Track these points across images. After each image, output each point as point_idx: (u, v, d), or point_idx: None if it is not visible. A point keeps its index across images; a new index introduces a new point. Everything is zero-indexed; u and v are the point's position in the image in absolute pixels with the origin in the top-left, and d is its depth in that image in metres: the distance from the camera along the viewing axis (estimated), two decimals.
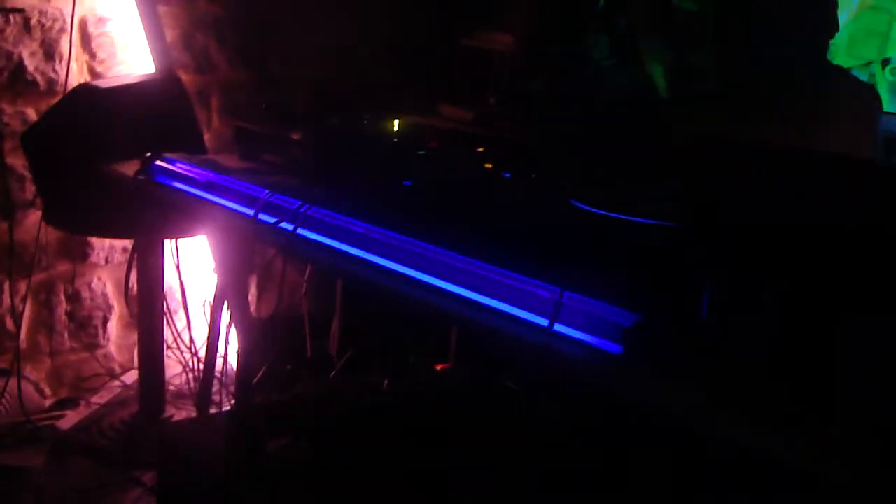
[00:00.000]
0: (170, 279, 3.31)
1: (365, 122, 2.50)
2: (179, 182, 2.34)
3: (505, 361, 2.16)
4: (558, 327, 1.44)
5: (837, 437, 1.16)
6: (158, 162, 2.41)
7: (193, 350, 3.44)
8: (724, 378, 1.28)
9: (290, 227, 1.92)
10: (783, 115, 2.28)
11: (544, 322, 1.45)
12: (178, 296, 3.50)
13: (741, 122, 2.29)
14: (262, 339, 3.10)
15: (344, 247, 1.81)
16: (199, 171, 2.30)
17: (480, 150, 2.48)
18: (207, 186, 2.24)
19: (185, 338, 3.44)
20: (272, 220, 1.98)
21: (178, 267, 3.35)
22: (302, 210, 1.93)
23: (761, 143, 1.66)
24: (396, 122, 2.56)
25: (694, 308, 1.36)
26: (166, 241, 3.22)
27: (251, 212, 2.04)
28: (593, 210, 1.95)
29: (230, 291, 2.71)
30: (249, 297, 3.82)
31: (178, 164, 2.37)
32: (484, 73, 3.72)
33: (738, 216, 1.45)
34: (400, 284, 1.66)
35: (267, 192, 2.05)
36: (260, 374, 3.10)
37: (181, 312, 3.52)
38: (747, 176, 1.70)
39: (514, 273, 1.55)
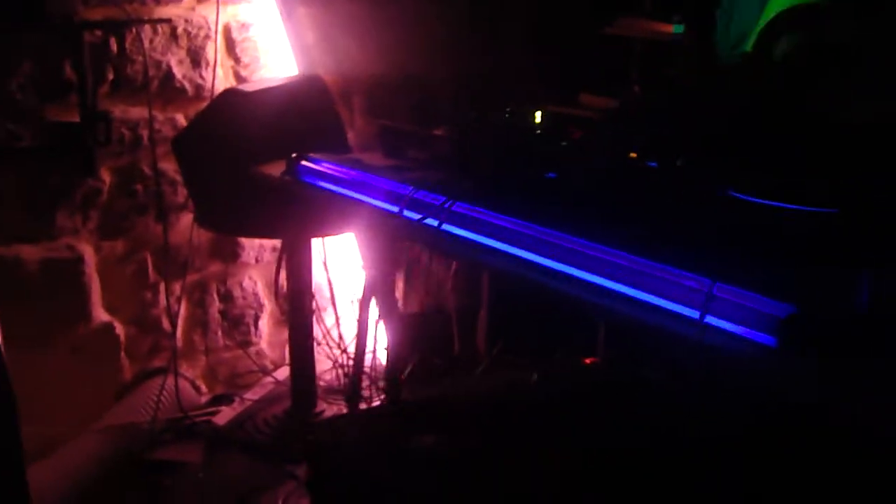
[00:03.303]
0: (319, 277, 3.36)
1: (507, 115, 2.47)
2: (325, 181, 2.36)
3: (655, 355, 2.11)
4: (710, 319, 1.39)
5: None
6: (304, 162, 2.44)
7: (343, 346, 3.48)
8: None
9: (434, 223, 1.92)
10: None
11: (695, 314, 1.40)
12: (327, 293, 3.56)
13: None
14: (409, 335, 3.11)
15: (489, 241, 1.79)
16: (343, 169, 2.32)
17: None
18: (352, 185, 2.25)
19: (335, 334, 3.49)
20: (417, 216, 1.97)
21: (325, 265, 3.40)
22: (446, 206, 1.92)
23: None
24: (538, 113, 2.53)
25: (852, 299, 1.28)
26: (315, 240, 3.27)
27: (396, 209, 2.04)
28: (751, 199, 1.86)
29: (378, 288, 2.74)
30: (397, 294, 3.86)
31: (323, 164, 2.39)
32: (627, 62, 3.64)
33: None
34: (546, 278, 1.63)
35: (411, 188, 2.04)
36: (408, 369, 3.12)
37: (330, 309, 3.57)
38: None
39: (664, 265, 1.50)
